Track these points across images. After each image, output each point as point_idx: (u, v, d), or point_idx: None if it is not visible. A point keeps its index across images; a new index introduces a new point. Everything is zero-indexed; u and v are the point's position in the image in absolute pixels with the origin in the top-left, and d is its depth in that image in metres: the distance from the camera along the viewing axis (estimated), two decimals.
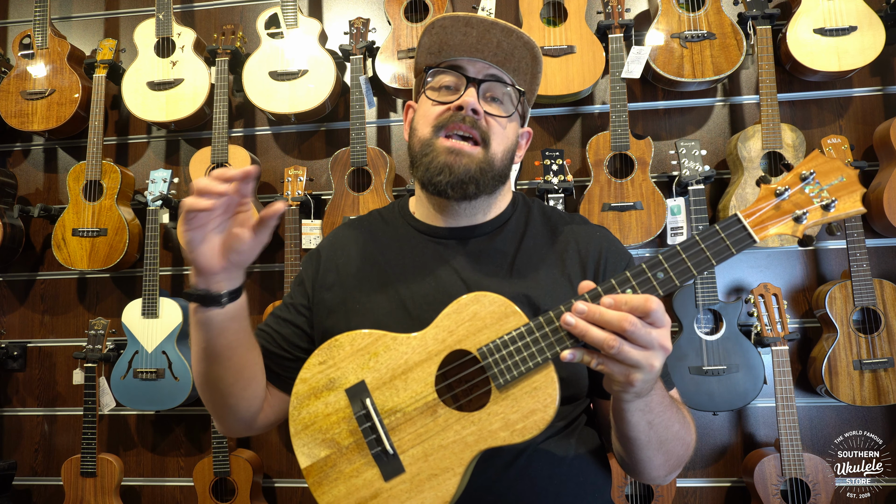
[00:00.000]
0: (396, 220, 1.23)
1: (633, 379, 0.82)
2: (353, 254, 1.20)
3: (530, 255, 1.13)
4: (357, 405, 0.94)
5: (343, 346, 0.96)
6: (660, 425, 0.95)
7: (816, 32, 2.40)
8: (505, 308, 0.89)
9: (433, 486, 0.90)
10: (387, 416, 0.93)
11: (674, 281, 0.84)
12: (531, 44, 1.08)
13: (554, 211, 1.23)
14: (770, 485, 2.23)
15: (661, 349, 0.81)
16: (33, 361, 2.94)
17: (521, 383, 0.87)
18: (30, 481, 2.89)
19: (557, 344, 0.85)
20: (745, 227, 0.83)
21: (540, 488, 1.00)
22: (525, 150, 1.26)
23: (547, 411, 0.87)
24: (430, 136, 1.09)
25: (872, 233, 2.49)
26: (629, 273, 0.84)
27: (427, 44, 1.12)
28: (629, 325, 0.79)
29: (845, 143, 2.35)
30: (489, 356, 0.88)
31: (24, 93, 2.79)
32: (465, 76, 1.10)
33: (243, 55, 2.76)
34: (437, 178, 1.07)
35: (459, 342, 0.91)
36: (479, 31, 1.07)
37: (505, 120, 1.12)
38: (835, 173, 0.84)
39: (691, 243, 0.84)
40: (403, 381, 0.93)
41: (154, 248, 2.61)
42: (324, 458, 0.95)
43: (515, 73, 1.12)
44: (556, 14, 2.59)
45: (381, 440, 0.92)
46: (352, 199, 2.57)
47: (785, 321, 2.25)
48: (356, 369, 0.95)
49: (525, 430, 0.87)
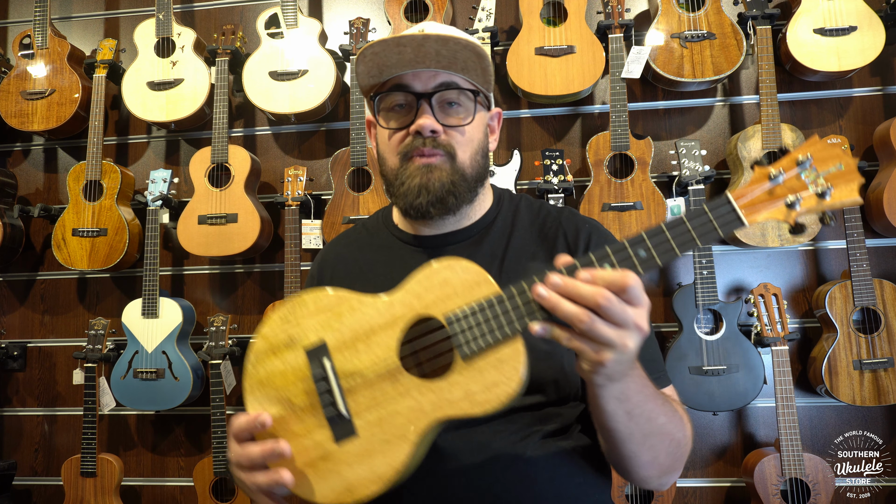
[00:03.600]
0: (381, 232, 1.23)
1: (604, 358, 0.78)
2: (342, 273, 1.20)
3: (519, 254, 1.12)
4: (315, 365, 0.91)
5: (307, 304, 0.93)
6: (640, 416, 0.91)
7: (816, 32, 2.40)
8: (477, 276, 0.86)
9: (384, 452, 0.87)
10: (345, 379, 0.90)
11: (655, 260, 0.79)
12: (471, 44, 1.03)
13: (543, 206, 1.21)
14: (770, 485, 2.23)
15: (635, 329, 0.77)
16: (33, 361, 2.94)
17: (486, 354, 0.84)
18: (30, 481, 2.89)
19: (528, 316, 0.81)
20: (735, 209, 0.78)
21: (539, 489, 1.00)
22: (499, 130, 1.24)
23: (510, 384, 0.83)
24: (400, 165, 1.09)
25: (872, 233, 2.49)
26: (609, 248, 0.80)
27: (364, 71, 1.08)
28: (603, 301, 0.75)
29: (845, 143, 2.34)
30: (456, 324, 0.85)
31: (24, 93, 2.79)
32: (412, 93, 1.07)
33: (243, 55, 2.76)
34: (417, 202, 1.07)
35: (427, 308, 0.87)
36: (412, 48, 1.03)
37: (467, 125, 1.09)
38: (833, 160, 0.79)
39: (677, 222, 0.79)
40: (366, 345, 0.89)
41: (154, 248, 2.61)
42: (275, 416, 0.91)
43: (465, 71, 1.08)
44: (556, 14, 2.59)
45: (336, 402, 0.89)
46: (352, 199, 2.57)
47: (785, 321, 2.25)
48: (318, 328, 0.92)
49: (486, 402, 0.84)
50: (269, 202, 2.79)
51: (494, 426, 1.02)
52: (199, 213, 2.61)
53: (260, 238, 2.60)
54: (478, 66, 1.06)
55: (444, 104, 1.08)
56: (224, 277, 2.86)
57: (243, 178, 2.64)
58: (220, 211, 2.61)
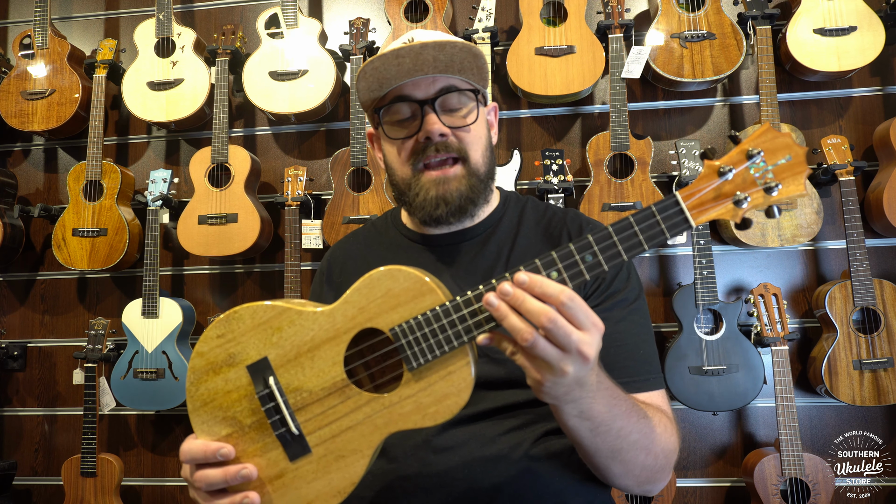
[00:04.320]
0: (390, 232, 1.25)
1: (543, 378, 0.77)
2: (351, 271, 1.22)
3: (525, 254, 1.13)
4: (259, 383, 0.88)
5: (243, 319, 0.90)
6: (608, 433, 0.88)
7: (816, 32, 2.40)
8: (421, 286, 0.84)
9: (340, 468, 0.87)
10: (292, 396, 0.88)
11: (602, 265, 0.77)
12: (466, 45, 1.05)
13: (548, 208, 1.23)
14: (770, 485, 2.23)
15: (577, 355, 0.74)
16: (33, 361, 2.94)
17: (435, 367, 0.83)
18: (30, 481, 2.89)
19: (475, 327, 0.80)
20: (683, 209, 0.76)
21: (541, 486, 1.00)
22: (497, 123, 1.25)
23: (461, 395, 0.83)
24: (412, 175, 1.10)
25: (872, 233, 2.49)
26: (556, 254, 0.78)
27: (365, 87, 1.09)
28: (547, 322, 0.73)
29: (845, 143, 2.35)
30: (402, 337, 0.83)
31: (25, 93, 2.79)
32: (415, 101, 1.08)
33: (243, 55, 2.76)
34: (437, 213, 1.09)
35: (370, 320, 0.85)
36: (411, 58, 1.04)
37: (472, 125, 1.11)
38: (783, 151, 0.76)
39: (625, 225, 0.77)
40: (310, 360, 0.88)
41: (154, 248, 2.61)
42: (225, 436, 0.90)
43: (461, 72, 1.09)
44: (556, 14, 2.59)
45: (286, 421, 0.88)
46: (352, 199, 2.57)
47: (785, 321, 2.25)
48: (258, 345, 0.89)
49: (437, 415, 0.84)
50: (269, 202, 2.79)
51: (496, 422, 1.03)
52: (199, 213, 2.61)
53: (260, 238, 2.60)
54: (474, 65, 1.08)
55: (446, 108, 1.10)
56: (224, 277, 2.86)
57: (243, 178, 2.64)
58: (220, 211, 2.61)
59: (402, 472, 1.02)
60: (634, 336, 1.08)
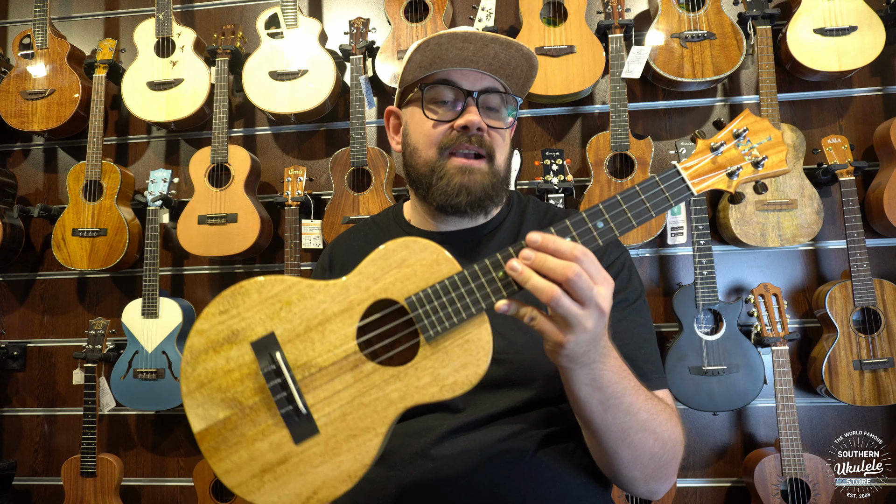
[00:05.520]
0: (392, 228, 1.25)
1: (565, 339, 0.78)
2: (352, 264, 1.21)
3: None
4: (265, 360, 0.83)
5: (250, 294, 0.84)
6: (617, 408, 0.88)
7: (816, 32, 2.40)
8: (436, 255, 0.82)
9: (351, 448, 0.81)
10: (299, 372, 0.83)
11: (613, 231, 0.83)
12: (529, 54, 1.07)
13: (550, 207, 1.24)
14: (770, 485, 2.22)
15: (596, 308, 0.77)
16: (33, 361, 2.94)
17: (452, 335, 0.81)
18: (30, 481, 2.89)
19: (493, 294, 0.80)
20: (684, 178, 0.84)
21: (543, 490, 1.00)
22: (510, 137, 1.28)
23: (479, 365, 0.80)
24: (437, 158, 1.11)
25: (872, 233, 2.49)
26: (569, 221, 0.82)
27: (419, 60, 1.10)
28: (573, 275, 0.75)
29: (845, 143, 2.34)
30: (419, 306, 0.81)
31: (24, 93, 2.79)
32: (462, 89, 1.09)
33: (243, 55, 2.76)
34: (456, 201, 1.09)
35: (385, 291, 0.83)
36: (476, 46, 1.06)
37: (505, 130, 1.13)
38: (764, 132, 0.86)
39: (631, 194, 0.83)
40: (320, 334, 0.83)
41: (154, 248, 2.61)
42: (222, 419, 0.83)
43: (509, 79, 1.12)
44: (556, 14, 2.59)
45: (293, 398, 0.82)
46: (352, 199, 2.57)
47: (785, 321, 2.25)
48: (264, 320, 0.84)
49: (456, 386, 0.81)
50: (269, 202, 2.79)
51: (495, 428, 1.02)
52: (199, 213, 2.61)
53: (260, 238, 2.60)
54: (526, 75, 1.11)
55: (485, 106, 1.11)
56: (224, 277, 2.86)
57: (243, 178, 2.64)
58: (220, 211, 2.61)
59: (401, 480, 1.01)
60: (637, 336, 1.08)
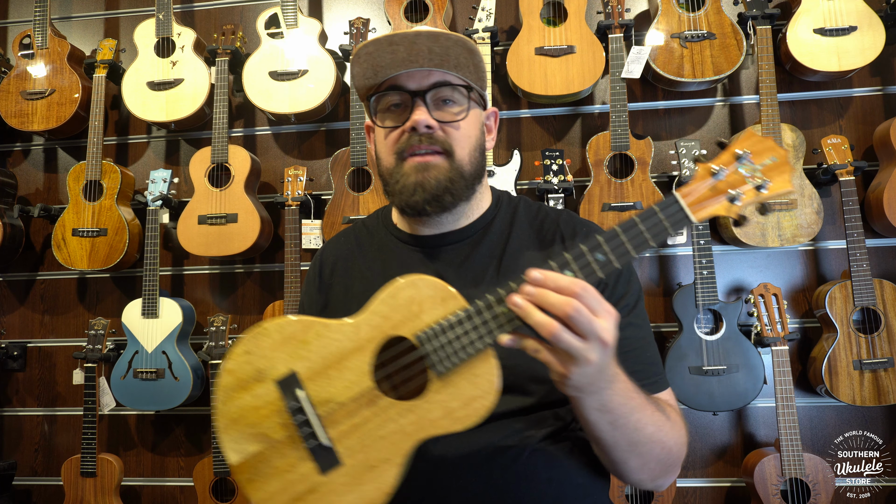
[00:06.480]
0: (380, 232, 1.23)
1: (569, 371, 0.80)
2: (341, 271, 1.21)
3: (517, 257, 1.12)
4: (289, 397, 0.90)
5: (270, 335, 0.91)
6: (626, 427, 0.91)
7: (816, 32, 2.40)
8: (442, 292, 0.87)
9: (372, 478, 0.88)
10: (321, 407, 0.89)
11: (613, 263, 0.82)
12: (461, 39, 1.03)
13: (541, 208, 1.21)
14: (770, 485, 2.23)
15: (598, 342, 0.78)
16: (33, 361, 2.94)
17: (461, 370, 0.85)
18: (30, 481, 2.89)
19: (497, 329, 0.83)
20: (683, 207, 0.83)
21: (539, 491, 1.00)
22: (496, 130, 1.23)
23: (488, 398, 0.85)
24: (395, 164, 1.09)
25: (872, 233, 2.49)
26: (568, 255, 0.83)
27: (359, 72, 1.08)
28: (572, 311, 0.76)
29: (845, 143, 2.34)
30: (427, 343, 0.86)
31: (24, 93, 2.79)
32: (407, 91, 1.07)
33: (243, 55, 2.76)
34: (413, 199, 1.07)
35: (395, 328, 0.88)
36: (405, 46, 1.03)
37: (462, 121, 1.09)
38: (768, 153, 0.84)
39: (630, 224, 0.82)
40: (338, 371, 0.89)
41: (154, 248, 2.61)
42: (254, 453, 0.90)
43: (457, 68, 1.08)
44: (556, 14, 2.59)
45: (316, 433, 0.88)
46: (352, 199, 2.57)
47: (785, 321, 2.25)
48: (286, 359, 0.90)
49: (466, 418, 0.85)
50: (269, 202, 2.79)
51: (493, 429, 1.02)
52: (199, 213, 2.61)
53: (260, 238, 2.60)
54: (469, 62, 1.07)
55: (438, 102, 1.08)
56: (224, 277, 2.86)
57: (243, 178, 2.64)
58: (220, 211, 2.61)
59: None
60: (640, 340, 1.08)
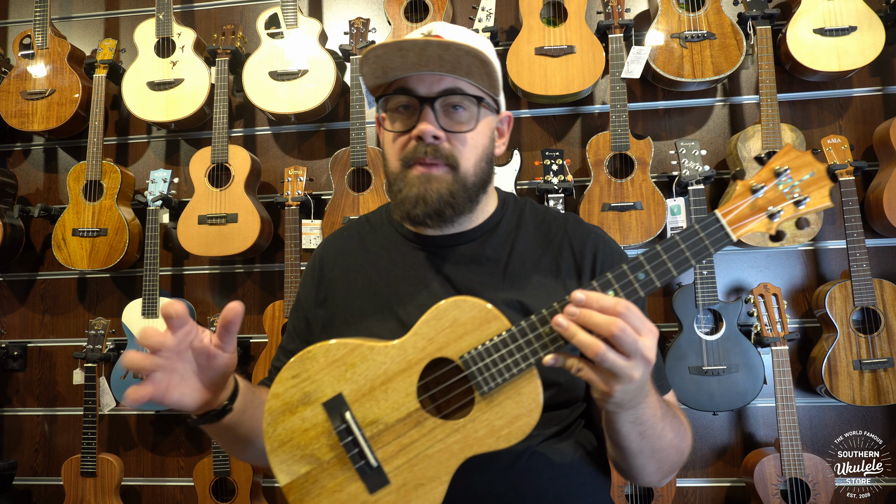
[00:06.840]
0: (385, 228, 1.21)
1: (612, 389, 0.82)
2: (343, 266, 1.19)
3: (523, 260, 1.11)
4: (336, 419, 0.92)
5: (317, 358, 0.93)
6: (652, 436, 0.95)
7: (816, 32, 2.40)
8: (486, 313, 0.89)
9: (420, 496, 0.90)
10: (368, 429, 0.92)
11: (654, 282, 0.85)
12: (473, 49, 0.99)
13: (547, 211, 1.20)
14: (770, 485, 2.23)
15: (642, 360, 0.80)
16: (33, 361, 2.94)
17: (505, 389, 0.88)
18: (30, 481, 2.89)
19: (541, 349, 0.86)
20: (724, 226, 0.84)
21: (541, 490, 1.00)
22: (509, 135, 1.21)
23: (532, 416, 0.88)
24: (400, 170, 1.07)
25: (872, 233, 2.49)
26: (610, 275, 0.85)
27: (369, 72, 1.06)
28: (617, 330, 0.78)
29: (845, 143, 2.34)
30: (472, 364, 0.88)
31: (25, 93, 2.79)
32: (416, 96, 1.05)
33: (243, 55, 2.76)
34: (415, 212, 1.06)
35: (440, 350, 0.90)
36: (415, 52, 1.01)
37: (471, 132, 1.07)
38: (806, 168, 0.86)
39: (671, 244, 0.84)
40: (384, 392, 0.92)
41: (154, 248, 2.61)
42: (304, 474, 0.93)
43: (469, 75, 1.05)
44: (556, 14, 2.59)
45: (365, 453, 0.91)
46: (352, 199, 2.57)
47: (785, 321, 2.25)
48: (332, 382, 0.93)
49: (510, 436, 0.88)
50: (269, 202, 2.79)
51: None
52: (199, 213, 2.61)
53: (260, 238, 2.60)
54: (482, 71, 1.03)
55: (447, 108, 1.06)
56: (224, 277, 2.86)
57: (243, 178, 2.64)
58: (220, 211, 2.61)
59: None
60: None
